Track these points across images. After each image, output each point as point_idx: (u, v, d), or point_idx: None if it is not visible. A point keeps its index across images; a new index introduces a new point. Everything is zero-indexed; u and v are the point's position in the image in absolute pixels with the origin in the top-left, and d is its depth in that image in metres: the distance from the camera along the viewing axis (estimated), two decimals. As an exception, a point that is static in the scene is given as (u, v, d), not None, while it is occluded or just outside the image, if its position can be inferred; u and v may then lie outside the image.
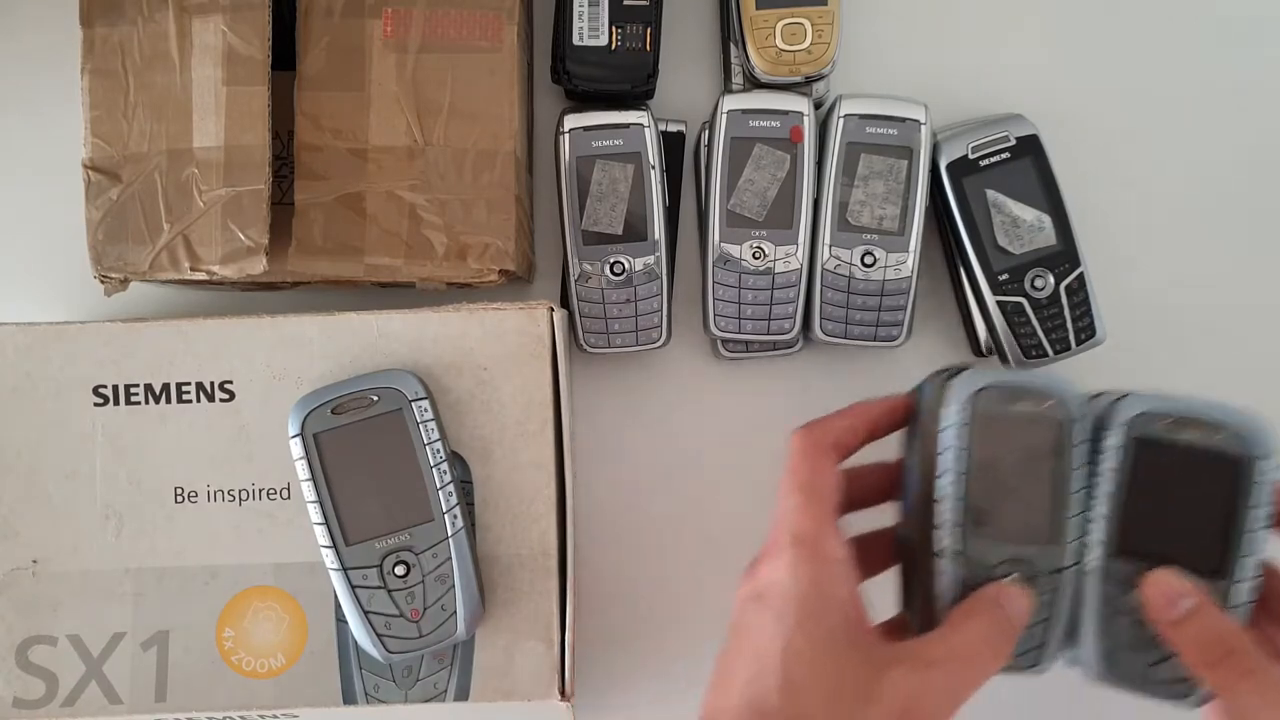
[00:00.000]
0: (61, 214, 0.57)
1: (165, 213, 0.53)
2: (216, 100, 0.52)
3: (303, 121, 0.54)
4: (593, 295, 0.57)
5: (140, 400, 0.51)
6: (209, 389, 0.51)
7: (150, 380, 0.51)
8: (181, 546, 0.51)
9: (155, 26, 0.53)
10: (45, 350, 0.51)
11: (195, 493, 0.51)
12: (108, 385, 0.51)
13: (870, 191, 0.57)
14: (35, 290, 0.61)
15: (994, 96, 0.62)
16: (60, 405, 0.51)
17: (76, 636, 0.50)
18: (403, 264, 0.54)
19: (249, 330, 0.51)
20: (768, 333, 0.58)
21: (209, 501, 0.51)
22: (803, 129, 0.56)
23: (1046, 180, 0.57)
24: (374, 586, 0.48)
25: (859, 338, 0.58)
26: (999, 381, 0.42)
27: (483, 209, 0.54)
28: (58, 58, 0.56)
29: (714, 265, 0.57)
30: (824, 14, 0.57)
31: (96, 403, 0.51)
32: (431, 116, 0.54)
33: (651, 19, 0.57)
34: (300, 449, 0.48)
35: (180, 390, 0.51)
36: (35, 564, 0.51)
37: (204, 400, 0.51)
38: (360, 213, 0.54)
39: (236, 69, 0.52)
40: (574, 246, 0.57)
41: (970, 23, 0.62)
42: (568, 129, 0.57)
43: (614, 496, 0.60)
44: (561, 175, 0.57)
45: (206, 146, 0.53)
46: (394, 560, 0.47)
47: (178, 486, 0.51)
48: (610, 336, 0.58)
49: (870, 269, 0.57)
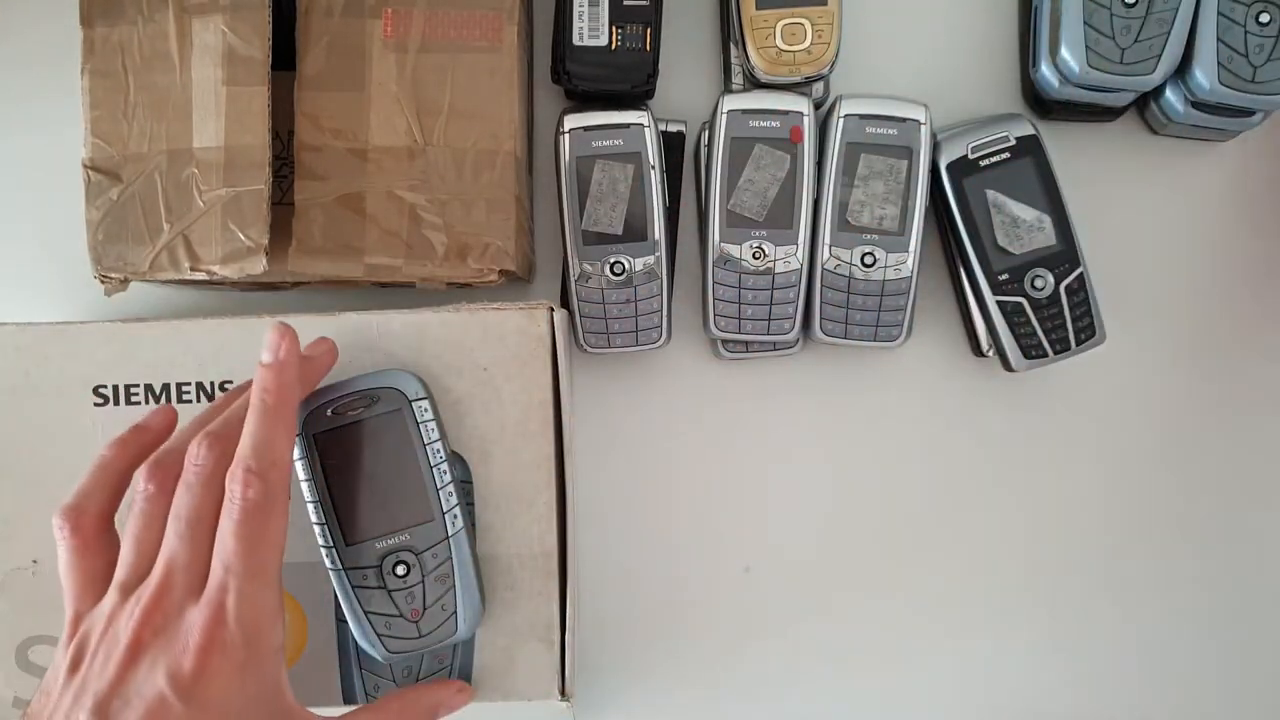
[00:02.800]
0: (61, 214, 0.57)
1: (165, 213, 0.53)
2: (216, 100, 0.52)
3: (303, 121, 0.54)
4: (593, 295, 0.57)
5: (140, 400, 0.51)
6: (209, 389, 0.51)
7: (150, 380, 0.51)
8: None
9: (155, 26, 0.53)
10: (45, 350, 0.51)
11: None
12: (108, 385, 0.51)
13: (870, 191, 0.57)
14: (35, 290, 0.61)
15: (993, 96, 0.62)
16: (60, 405, 0.51)
17: None
18: (403, 264, 0.54)
19: (249, 330, 0.51)
20: (768, 333, 0.58)
21: None
22: (803, 129, 0.56)
23: (1047, 180, 0.57)
24: (374, 587, 0.47)
25: (859, 338, 0.58)
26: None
27: (483, 209, 0.54)
28: (57, 57, 0.56)
29: (714, 265, 0.57)
30: (824, 14, 0.56)
31: (96, 403, 0.51)
32: (431, 116, 0.54)
33: (651, 19, 0.57)
34: (300, 449, 0.48)
35: (180, 390, 0.51)
36: (35, 564, 0.51)
37: (204, 400, 0.51)
38: (360, 213, 0.54)
39: (236, 69, 0.52)
40: (574, 246, 0.57)
41: (970, 23, 0.62)
42: (568, 129, 0.57)
43: (614, 496, 0.60)
44: (561, 175, 0.57)
45: (206, 146, 0.53)
46: (394, 560, 0.47)
47: None
48: (610, 336, 0.58)
49: (870, 269, 0.57)
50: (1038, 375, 0.61)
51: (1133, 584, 0.61)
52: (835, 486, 0.62)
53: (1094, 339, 0.58)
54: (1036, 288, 0.57)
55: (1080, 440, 0.62)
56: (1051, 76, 0.58)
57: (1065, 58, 0.56)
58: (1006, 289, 0.57)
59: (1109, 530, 0.61)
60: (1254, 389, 0.62)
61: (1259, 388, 0.62)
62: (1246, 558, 0.61)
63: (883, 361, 0.61)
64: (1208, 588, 0.61)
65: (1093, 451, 0.62)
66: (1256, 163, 0.62)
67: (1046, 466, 0.62)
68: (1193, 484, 0.62)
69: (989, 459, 0.62)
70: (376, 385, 0.48)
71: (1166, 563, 0.61)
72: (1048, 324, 0.57)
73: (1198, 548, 0.62)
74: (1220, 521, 0.62)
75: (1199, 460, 0.62)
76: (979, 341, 0.60)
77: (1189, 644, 0.61)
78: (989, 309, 0.57)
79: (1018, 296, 0.57)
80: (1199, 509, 0.62)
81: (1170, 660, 0.61)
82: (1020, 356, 0.58)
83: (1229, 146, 0.62)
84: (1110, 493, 0.62)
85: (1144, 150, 0.62)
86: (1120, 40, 0.55)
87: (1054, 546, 0.61)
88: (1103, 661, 0.61)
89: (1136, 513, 0.62)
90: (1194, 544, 0.62)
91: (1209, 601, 0.61)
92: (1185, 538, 0.62)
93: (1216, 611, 0.61)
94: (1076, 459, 0.62)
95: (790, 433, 0.62)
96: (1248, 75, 0.55)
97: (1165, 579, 0.61)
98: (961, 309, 0.61)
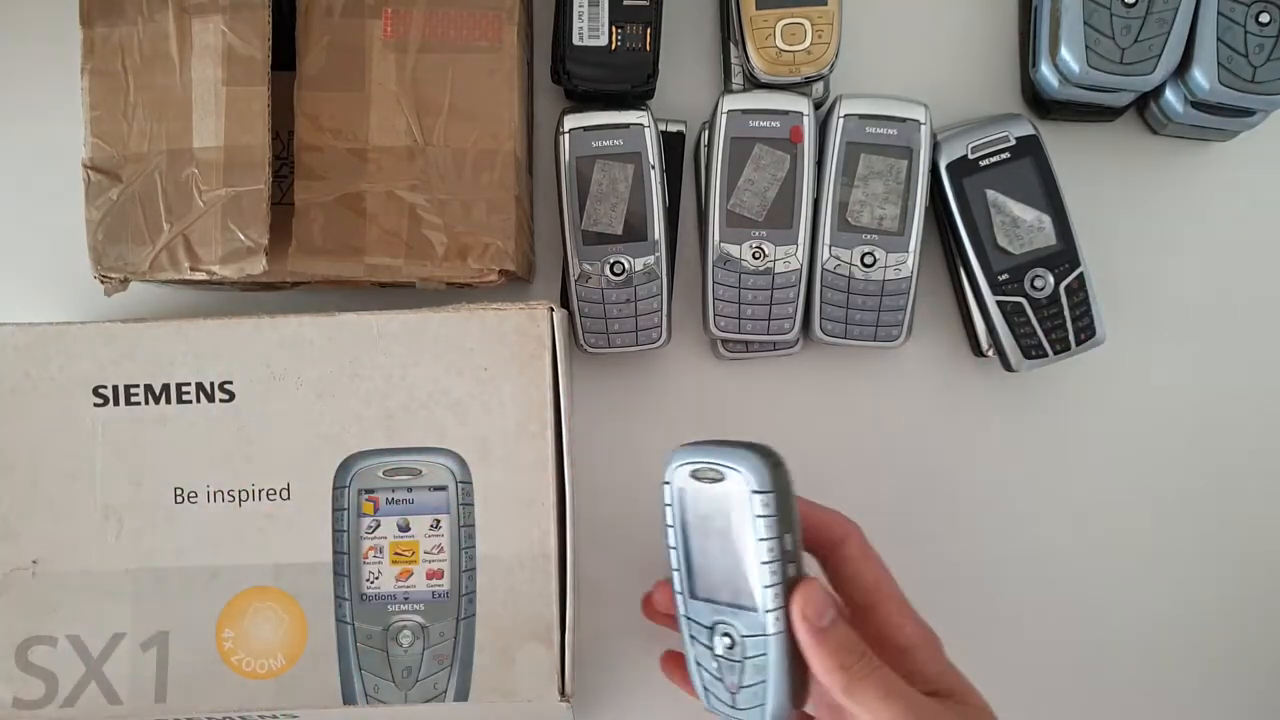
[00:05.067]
0: (61, 214, 0.57)
1: (165, 213, 0.53)
2: (216, 100, 0.52)
3: (303, 121, 0.54)
4: (593, 295, 0.57)
5: (140, 401, 0.51)
6: (209, 389, 0.51)
7: (150, 381, 0.51)
8: (181, 547, 0.51)
9: (155, 26, 0.53)
10: (45, 350, 0.51)
11: (195, 493, 0.51)
12: (108, 385, 0.51)
13: (870, 191, 0.57)
14: (35, 290, 0.61)
15: (993, 96, 0.62)
16: (60, 405, 0.51)
17: (76, 637, 0.50)
18: (403, 264, 0.54)
19: (249, 330, 0.51)
20: (767, 333, 0.58)
21: (209, 502, 0.51)
22: (803, 129, 0.56)
23: (1046, 180, 0.57)
24: (704, 644, 0.47)
25: (859, 338, 0.58)
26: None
27: (483, 209, 0.54)
28: (58, 57, 0.56)
29: (714, 265, 0.57)
30: (824, 14, 0.56)
31: (96, 403, 0.51)
32: (431, 116, 0.54)
33: (651, 19, 0.57)
34: (670, 496, 0.47)
35: (180, 391, 0.51)
36: (35, 564, 0.51)
37: (204, 401, 0.51)
38: (360, 213, 0.54)
39: (236, 69, 0.52)
40: (574, 246, 0.57)
41: (970, 23, 0.62)
42: (568, 129, 0.57)
43: (614, 496, 0.60)
44: (561, 175, 0.57)
45: (206, 146, 0.52)
46: (722, 630, 0.46)
47: (177, 487, 0.51)
48: (610, 336, 0.58)
49: (870, 269, 0.57)
50: (1038, 375, 0.61)
51: (1130, 580, 0.61)
52: (834, 486, 0.61)
53: (1094, 339, 0.58)
54: (1036, 288, 0.57)
55: (1080, 440, 0.62)
56: (1051, 76, 0.58)
57: (1065, 57, 0.56)
58: (1006, 289, 0.57)
59: (1109, 530, 0.61)
60: (1254, 388, 0.62)
61: (1259, 387, 0.62)
62: (1247, 550, 0.61)
63: (883, 361, 0.61)
64: (1208, 580, 0.61)
65: (1093, 451, 0.62)
66: (1256, 163, 0.62)
67: (1046, 467, 0.62)
68: (1193, 483, 0.62)
69: (989, 459, 0.62)
70: (730, 463, 0.45)
71: (1165, 559, 0.61)
72: (1048, 324, 0.57)
73: (1198, 545, 0.61)
74: (1220, 519, 0.62)
75: (1199, 460, 0.62)
76: (979, 341, 0.60)
77: (1189, 637, 0.61)
78: (989, 309, 0.57)
79: (1018, 296, 0.57)
80: (1199, 508, 0.62)
81: (1170, 656, 0.61)
82: (1020, 356, 0.58)
83: (1229, 146, 0.62)
84: (1111, 492, 0.62)
85: (1144, 150, 0.62)
86: (1120, 40, 0.56)
87: (1053, 546, 0.61)
88: (1101, 659, 0.61)
89: (1137, 512, 0.62)
90: (1194, 542, 0.62)
91: (1210, 592, 0.61)
92: (1186, 536, 0.62)
93: (1223, 600, 0.61)
94: (1077, 459, 0.62)
95: (790, 433, 0.61)
96: (1247, 75, 0.55)
97: (1164, 575, 0.61)
98: (961, 309, 0.61)
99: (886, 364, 0.61)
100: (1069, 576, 0.61)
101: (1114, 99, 0.58)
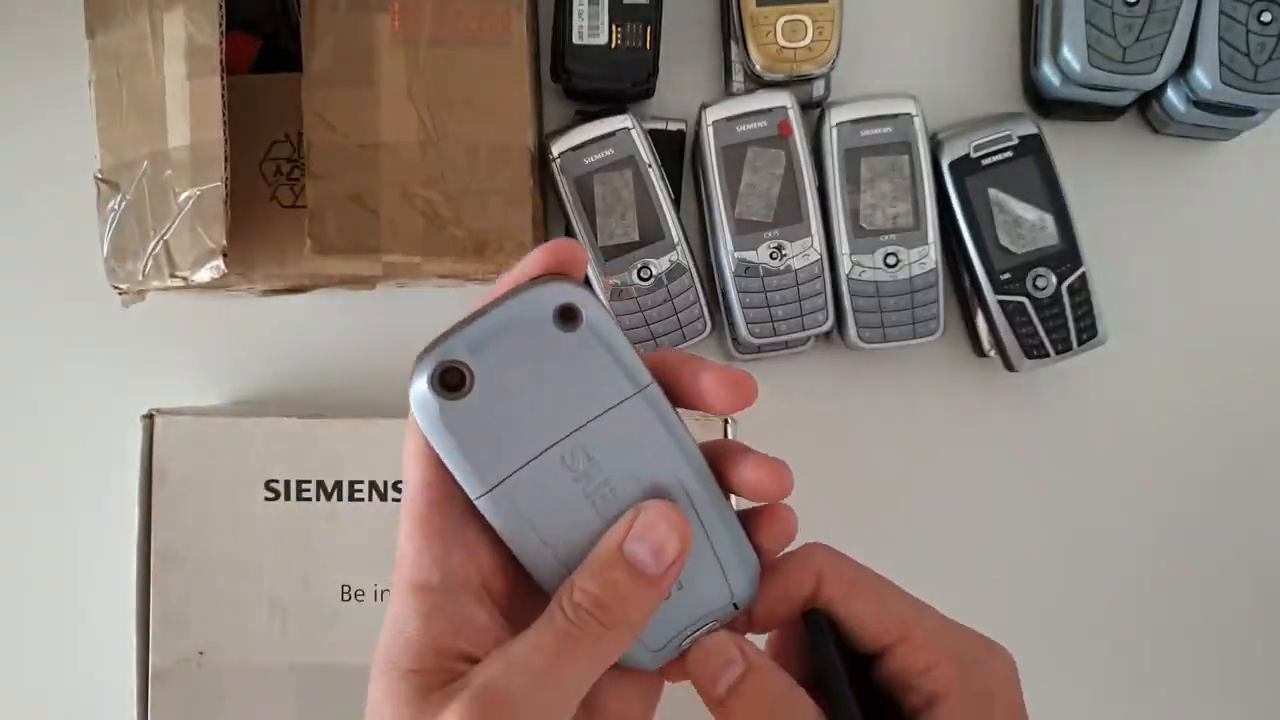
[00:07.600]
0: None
1: (151, 219, 0.51)
2: (184, 96, 0.50)
3: (311, 120, 0.52)
4: (629, 307, 0.57)
5: (311, 497, 0.51)
6: (381, 488, 0.51)
7: (323, 477, 0.51)
8: (346, 644, 0.50)
9: (135, 28, 0.51)
10: (219, 442, 0.51)
11: (362, 591, 0.50)
12: (279, 480, 0.51)
13: (878, 193, 0.56)
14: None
15: (995, 95, 0.62)
16: (232, 498, 0.50)
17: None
18: (420, 261, 0.53)
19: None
20: (803, 329, 0.57)
21: (375, 601, 0.50)
22: (790, 122, 0.56)
23: (1049, 179, 0.57)
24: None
25: (899, 338, 0.58)
26: None
27: (499, 203, 0.53)
28: (61, 61, 0.55)
29: (734, 275, 0.56)
30: (825, 11, 0.56)
31: (268, 497, 0.51)
32: (443, 111, 0.52)
33: (652, 17, 0.56)
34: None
35: (353, 489, 0.51)
36: (201, 655, 0.50)
37: (375, 499, 0.51)
38: (374, 210, 0.52)
39: (196, 61, 0.50)
40: (597, 264, 0.56)
41: (971, 21, 0.62)
42: (557, 155, 0.56)
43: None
44: (565, 199, 0.56)
45: (179, 146, 0.51)
46: None
47: (344, 584, 0.50)
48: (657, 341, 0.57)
49: (895, 269, 0.56)
50: (1039, 375, 0.61)
51: (1131, 580, 0.61)
52: (837, 485, 0.61)
53: (1096, 339, 0.58)
54: (1038, 287, 0.57)
55: (1082, 440, 0.62)
56: (1053, 75, 0.58)
57: (1067, 56, 0.56)
58: (1008, 288, 0.57)
59: (1110, 530, 0.61)
60: (1255, 388, 0.62)
61: (1261, 387, 0.62)
62: (1249, 550, 0.61)
63: (886, 361, 0.61)
64: (1212, 582, 0.61)
65: (1095, 451, 0.62)
66: (1258, 162, 0.62)
67: (1048, 467, 0.62)
68: (1194, 483, 0.62)
69: (991, 459, 0.62)
70: None
71: (1166, 559, 0.61)
72: (1049, 323, 0.57)
73: (1199, 545, 0.62)
74: (1222, 518, 0.62)
75: (1200, 459, 0.62)
76: (981, 341, 0.60)
77: (1193, 635, 0.61)
78: (991, 308, 0.57)
79: (1019, 296, 0.57)
80: (1200, 508, 0.62)
81: (1177, 651, 0.61)
82: (1022, 356, 0.58)
83: (1231, 145, 0.62)
84: (1112, 493, 0.62)
85: (1146, 149, 0.62)
86: (1122, 39, 0.55)
87: (1055, 546, 0.61)
88: (1103, 657, 0.61)
89: (1138, 512, 0.62)
90: (1196, 542, 0.62)
91: (1213, 595, 0.61)
92: (1186, 536, 0.62)
93: (1224, 604, 0.61)
94: (1079, 459, 0.62)
95: (793, 432, 0.61)
96: (1249, 74, 0.55)
97: (1165, 575, 0.61)
98: (963, 309, 0.61)
99: (890, 364, 0.61)
100: (1069, 576, 0.61)
101: (1115, 98, 0.58)
